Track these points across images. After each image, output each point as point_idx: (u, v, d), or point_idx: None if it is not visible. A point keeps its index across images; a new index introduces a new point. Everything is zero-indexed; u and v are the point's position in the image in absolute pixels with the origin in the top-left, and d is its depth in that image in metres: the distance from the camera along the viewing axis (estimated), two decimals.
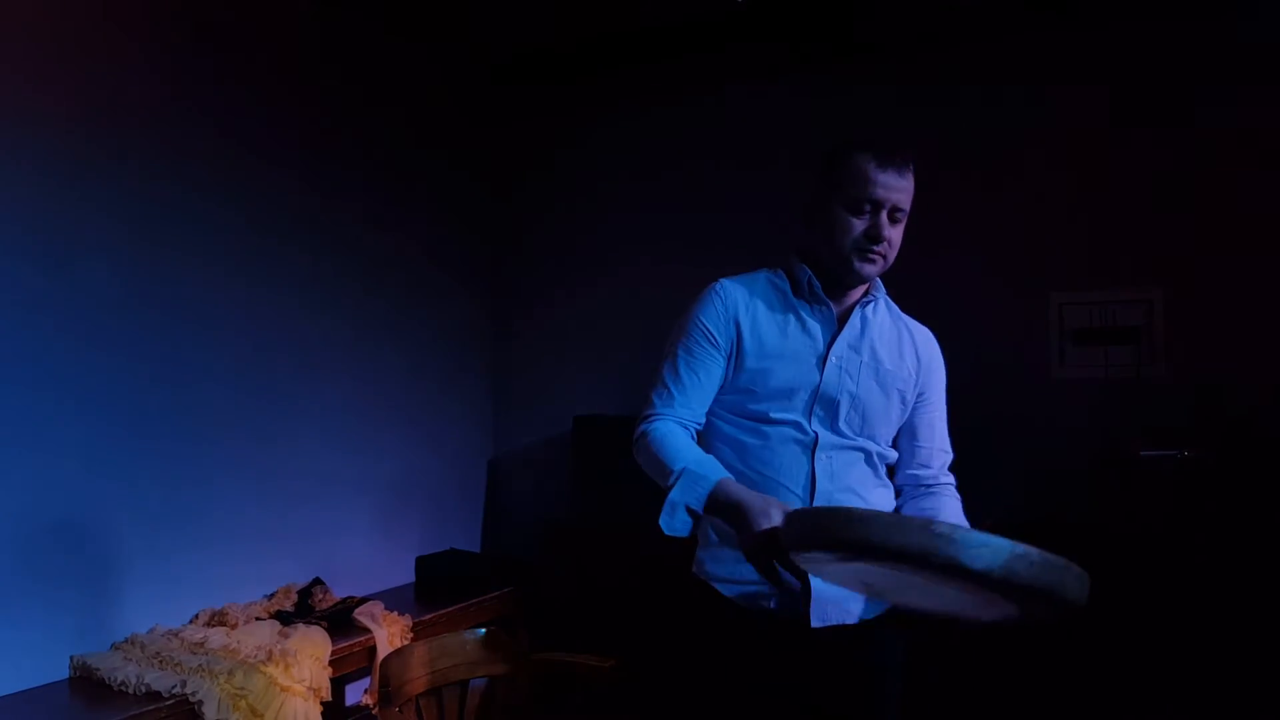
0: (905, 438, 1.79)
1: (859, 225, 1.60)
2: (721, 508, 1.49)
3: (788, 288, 1.71)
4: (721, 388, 1.68)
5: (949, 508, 1.73)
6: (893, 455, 1.76)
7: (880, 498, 1.72)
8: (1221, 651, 2.55)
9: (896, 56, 3.48)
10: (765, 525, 1.39)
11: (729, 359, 1.67)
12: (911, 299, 1.76)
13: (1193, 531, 2.53)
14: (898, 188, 1.60)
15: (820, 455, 1.65)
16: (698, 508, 1.51)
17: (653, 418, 1.64)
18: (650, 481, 1.62)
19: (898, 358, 1.74)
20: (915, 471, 1.79)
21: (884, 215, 1.60)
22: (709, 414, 1.70)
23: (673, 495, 1.51)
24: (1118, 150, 3.18)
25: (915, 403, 1.77)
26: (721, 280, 1.72)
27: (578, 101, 4.08)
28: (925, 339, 1.82)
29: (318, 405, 3.38)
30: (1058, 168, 3.25)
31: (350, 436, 3.51)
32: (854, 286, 1.69)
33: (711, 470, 1.53)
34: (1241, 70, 3.02)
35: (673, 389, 1.66)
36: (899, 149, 1.62)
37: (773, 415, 1.65)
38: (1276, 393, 2.84)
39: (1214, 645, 2.58)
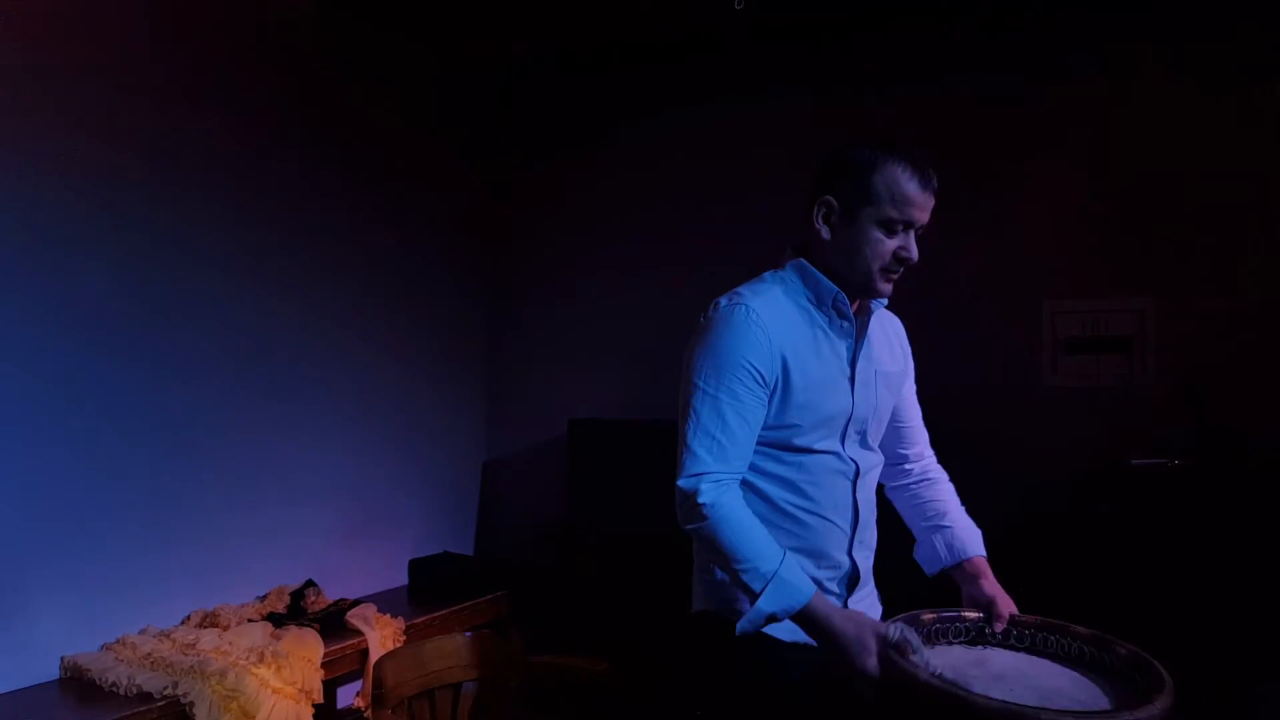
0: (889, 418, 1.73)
1: (891, 244, 1.51)
2: (809, 625, 1.42)
3: (805, 301, 1.57)
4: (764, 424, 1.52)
5: (954, 503, 1.75)
6: None
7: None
8: (1216, 657, 2.56)
9: (894, 64, 3.50)
10: (870, 664, 1.35)
11: (772, 395, 1.51)
12: (905, 306, 1.76)
13: (1184, 539, 2.55)
14: (930, 207, 1.52)
15: (860, 484, 1.60)
16: (782, 618, 1.42)
17: (710, 478, 1.45)
18: (648, 484, 1.57)
19: (890, 355, 1.69)
20: (904, 451, 1.77)
21: (912, 234, 1.52)
22: None
23: (761, 604, 1.40)
24: (1111, 158, 3.19)
25: None
26: (747, 301, 1.52)
27: (577, 105, 4.09)
28: (896, 323, 1.78)
29: (312, 406, 3.37)
30: (1052, 176, 3.27)
31: (344, 438, 3.51)
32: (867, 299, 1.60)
33: (800, 580, 1.42)
34: (1240, 78, 3.04)
35: (723, 439, 1.46)
36: (928, 164, 1.51)
37: (816, 447, 1.54)
38: (1267, 402, 2.86)
39: (1208, 651, 2.59)
